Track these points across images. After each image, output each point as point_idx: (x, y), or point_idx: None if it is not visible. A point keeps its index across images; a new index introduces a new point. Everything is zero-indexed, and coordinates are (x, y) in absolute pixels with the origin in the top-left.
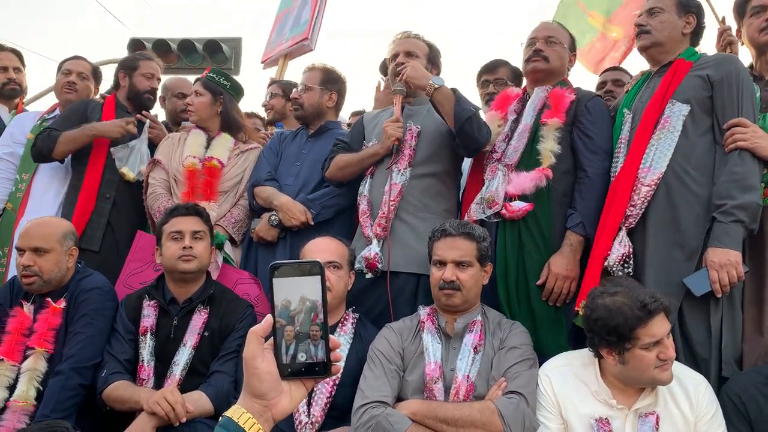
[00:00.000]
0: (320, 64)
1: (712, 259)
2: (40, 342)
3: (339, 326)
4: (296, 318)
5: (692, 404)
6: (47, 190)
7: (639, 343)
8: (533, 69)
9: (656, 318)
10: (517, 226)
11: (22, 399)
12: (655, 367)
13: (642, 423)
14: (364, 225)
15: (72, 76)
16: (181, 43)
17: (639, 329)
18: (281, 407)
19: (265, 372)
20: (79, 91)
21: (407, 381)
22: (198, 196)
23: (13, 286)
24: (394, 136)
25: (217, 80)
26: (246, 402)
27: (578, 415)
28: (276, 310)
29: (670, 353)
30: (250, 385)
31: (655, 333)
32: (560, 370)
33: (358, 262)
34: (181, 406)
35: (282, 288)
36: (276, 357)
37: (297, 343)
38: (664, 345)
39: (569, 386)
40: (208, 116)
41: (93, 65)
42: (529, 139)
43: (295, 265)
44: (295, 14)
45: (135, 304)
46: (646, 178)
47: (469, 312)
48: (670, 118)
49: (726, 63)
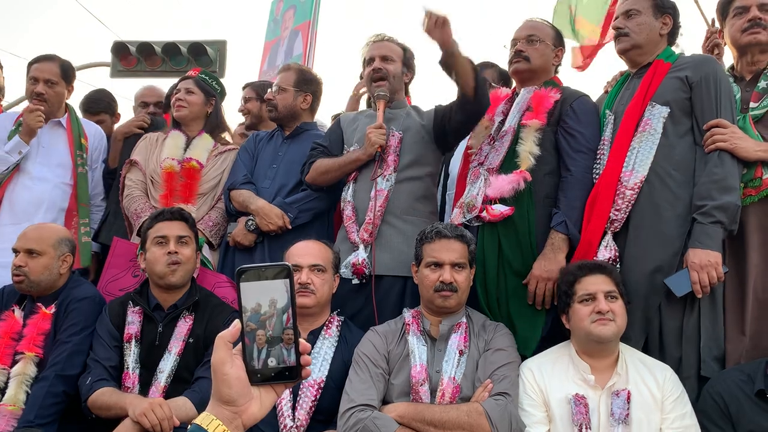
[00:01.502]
0: (295, 65)
1: (693, 259)
2: (30, 347)
3: (324, 329)
4: (267, 322)
5: (659, 385)
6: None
7: (576, 297)
8: (514, 70)
9: (591, 276)
10: (495, 229)
11: (11, 403)
12: (591, 322)
13: (615, 399)
14: (350, 231)
15: (39, 85)
16: (165, 46)
17: (576, 285)
18: (251, 413)
19: (234, 378)
20: (50, 99)
21: (393, 384)
22: (176, 198)
23: (2, 294)
24: (377, 143)
25: (209, 82)
26: (215, 409)
27: (557, 398)
28: (245, 314)
29: (602, 306)
30: (219, 391)
31: (587, 288)
32: (539, 360)
33: (345, 267)
34: (168, 421)
35: (250, 292)
36: (245, 362)
37: (269, 347)
38: (598, 300)
39: (549, 373)
40: (198, 115)
41: (61, 64)
42: (511, 142)
43: (263, 269)
44: (286, 46)
45: (118, 310)
46: (629, 182)
47: (454, 314)
48: (650, 120)
49: (704, 64)
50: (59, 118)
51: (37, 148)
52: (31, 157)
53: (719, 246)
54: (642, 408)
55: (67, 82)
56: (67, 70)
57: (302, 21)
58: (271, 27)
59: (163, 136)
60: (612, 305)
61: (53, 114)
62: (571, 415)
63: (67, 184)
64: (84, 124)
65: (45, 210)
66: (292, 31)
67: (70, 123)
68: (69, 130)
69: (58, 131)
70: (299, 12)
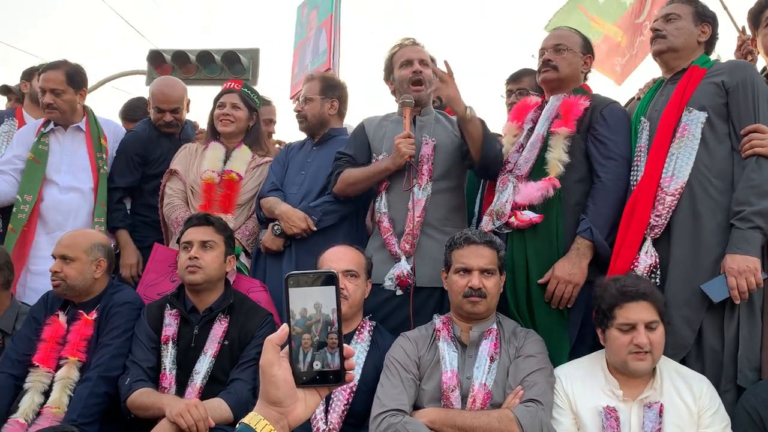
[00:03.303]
0: (318, 74)
1: (731, 265)
2: (73, 352)
3: (356, 334)
4: (313, 327)
5: (695, 397)
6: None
7: (615, 322)
8: (543, 80)
9: (634, 303)
10: (523, 236)
11: (55, 405)
12: (629, 353)
13: (647, 412)
14: (389, 243)
15: (47, 96)
16: (199, 55)
17: (616, 308)
18: (297, 414)
19: (282, 379)
20: (60, 108)
21: (424, 390)
22: (215, 208)
23: (46, 301)
24: (407, 153)
25: (251, 97)
26: (263, 409)
27: (587, 407)
28: (292, 319)
29: (641, 340)
30: (266, 392)
31: (629, 316)
32: (570, 369)
33: (389, 280)
34: (204, 422)
35: (298, 297)
36: (291, 365)
37: (314, 351)
38: (638, 332)
39: (579, 382)
40: (242, 130)
41: (67, 71)
42: (540, 149)
43: (311, 275)
44: (312, 45)
45: (156, 313)
46: (670, 187)
47: (484, 320)
48: (688, 125)
49: (740, 69)
50: (78, 123)
51: (61, 156)
52: (57, 167)
53: (758, 251)
54: (676, 422)
55: (76, 88)
56: (74, 76)
57: (325, 17)
58: (298, 31)
59: (203, 146)
60: (652, 336)
61: (70, 120)
62: (602, 428)
63: (91, 188)
64: (102, 124)
65: (74, 218)
66: (316, 29)
67: (89, 125)
68: (88, 132)
69: (78, 136)
70: (322, 9)
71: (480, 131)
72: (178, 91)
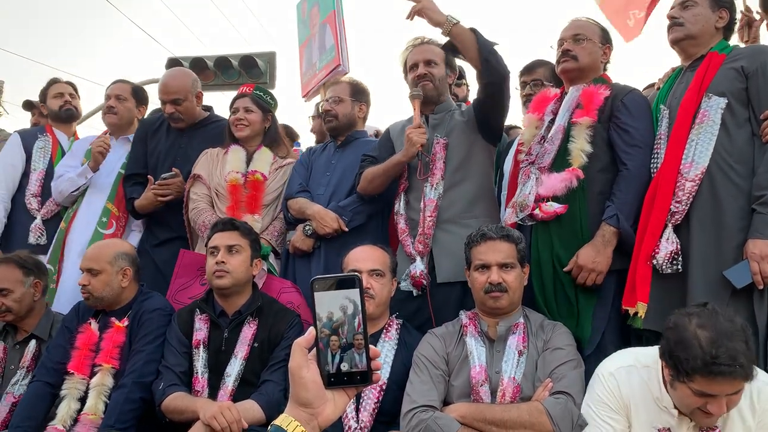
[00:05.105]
0: (346, 78)
1: (753, 250)
2: (107, 359)
3: (384, 332)
4: (340, 329)
5: (755, 410)
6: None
7: (693, 386)
8: (563, 70)
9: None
10: (548, 227)
11: (92, 412)
12: (700, 412)
13: None
14: (405, 243)
15: (111, 100)
16: (217, 60)
17: (697, 375)
18: (326, 415)
19: (311, 381)
20: (119, 113)
21: (453, 386)
22: (242, 209)
23: (78, 311)
24: (418, 143)
25: (264, 98)
26: (293, 410)
27: (640, 421)
28: (320, 321)
29: (716, 410)
30: (296, 394)
31: (712, 389)
32: (627, 371)
33: (403, 280)
34: (237, 424)
35: (324, 301)
36: (320, 367)
37: (342, 352)
38: (718, 402)
39: (635, 389)
40: (258, 132)
41: (133, 86)
42: (562, 140)
43: (334, 279)
44: (318, 41)
45: (186, 318)
46: (689, 174)
47: (511, 315)
48: (708, 111)
49: (760, 54)
50: (128, 135)
51: (105, 163)
52: (99, 172)
53: None
54: None
55: (138, 102)
56: (138, 92)
57: (328, 13)
58: (301, 29)
59: (223, 150)
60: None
61: (124, 130)
62: None
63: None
64: None
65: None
66: (320, 25)
67: None
68: None
69: (125, 147)
70: (323, 5)
71: (472, 38)
72: (178, 80)
